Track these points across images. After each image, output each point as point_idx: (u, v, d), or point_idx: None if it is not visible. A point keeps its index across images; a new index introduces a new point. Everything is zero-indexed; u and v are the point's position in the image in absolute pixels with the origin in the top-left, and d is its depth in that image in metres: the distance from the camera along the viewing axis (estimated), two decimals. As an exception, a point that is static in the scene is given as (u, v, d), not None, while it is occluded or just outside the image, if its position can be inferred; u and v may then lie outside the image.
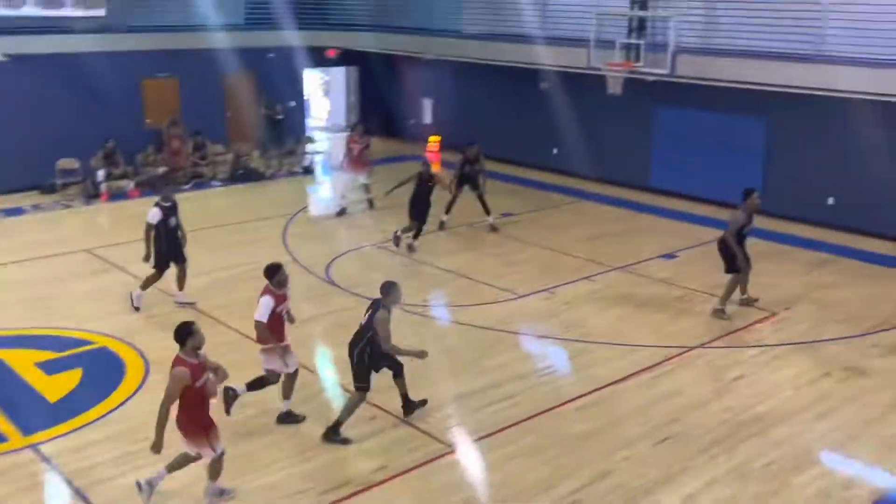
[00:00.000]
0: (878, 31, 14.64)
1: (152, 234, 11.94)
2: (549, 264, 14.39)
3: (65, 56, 19.68)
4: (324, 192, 20.66)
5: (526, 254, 14.97)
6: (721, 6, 17.71)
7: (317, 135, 25.02)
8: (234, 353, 10.66)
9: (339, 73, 27.56)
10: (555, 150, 21.24)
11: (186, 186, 19.41)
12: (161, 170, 19.31)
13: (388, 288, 8.73)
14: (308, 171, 21.67)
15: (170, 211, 12.13)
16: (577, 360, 10.71)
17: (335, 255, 14.65)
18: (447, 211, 16.10)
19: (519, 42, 20.10)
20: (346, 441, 8.72)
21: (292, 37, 23.31)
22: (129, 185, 18.78)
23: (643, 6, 16.69)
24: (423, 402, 9.34)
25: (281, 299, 9.04)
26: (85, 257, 14.51)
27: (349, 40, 24.15)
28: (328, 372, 10.37)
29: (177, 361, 7.36)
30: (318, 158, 22.43)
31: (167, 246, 12.07)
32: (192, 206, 17.55)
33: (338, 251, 14.88)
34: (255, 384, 9.10)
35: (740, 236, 11.95)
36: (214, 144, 20.89)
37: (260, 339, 8.97)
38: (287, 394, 9.18)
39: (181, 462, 7.65)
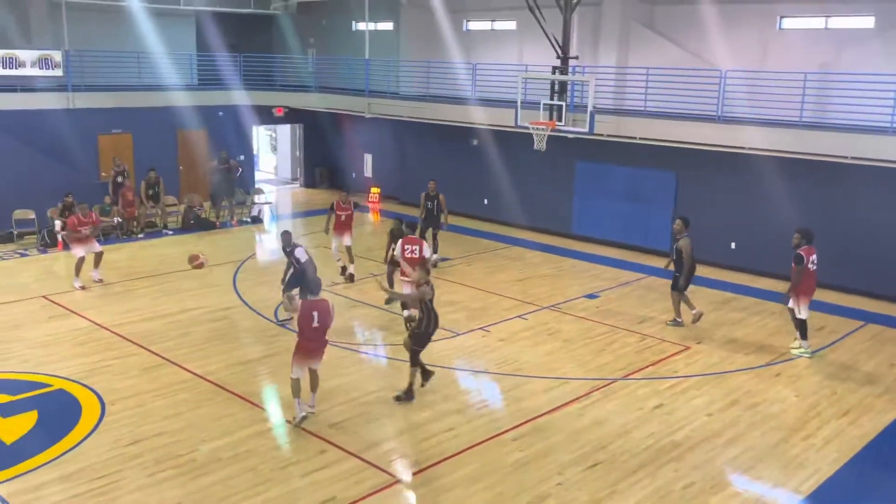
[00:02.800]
0: (772, 95, 15.33)
1: None
2: (484, 304, 14.44)
3: (24, 112, 19.25)
4: (270, 239, 20.43)
5: (463, 295, 15.00)
6: (632, 72, 18.35)
7: (265, 187, 24.80)
8: (185, 393, 10.41)
9: (285, 129, 27.53)
10: (486, 201, 21.49)
11: (140, 235, 19.02)
12: (116, 220, 18.84)
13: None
14: (256, 220, 21.41)
15: None
16: (511, 393, 10.71)
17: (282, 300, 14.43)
18: (434, 249, 16.25)
19: (452, 102, 20.43)
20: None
21: (241, 96, 23.30)
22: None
23: (564, 71, 17.12)
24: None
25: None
26: (42, 303, 13.99)
27: (295, 99, 24.19)
28: (274, 408, 10.14)
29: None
30: (265, 209, 22.19)
31: None
32: (147, 254, 17.24)
33: (286, 295, 14.66)
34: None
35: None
36: (167, 196, 20.48)
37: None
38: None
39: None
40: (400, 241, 12.93)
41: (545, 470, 8.73)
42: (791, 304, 12.30)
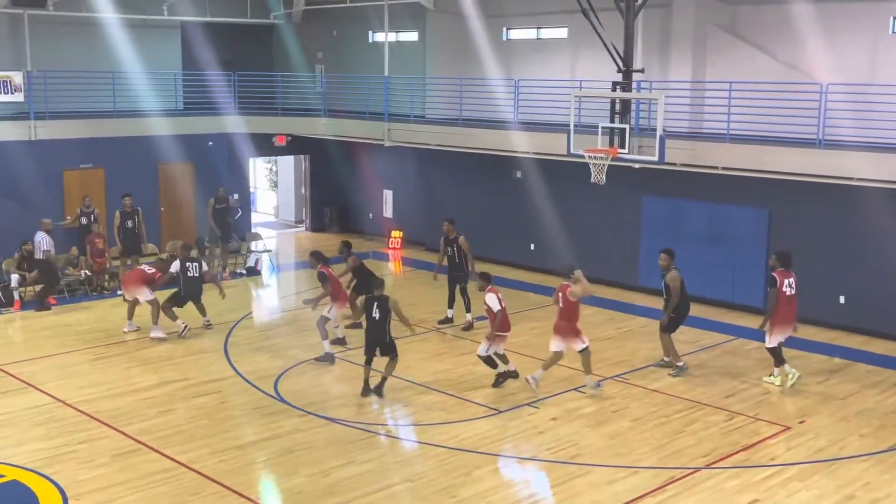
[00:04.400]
0: (884, 114, 15.23)
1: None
2: (531, 374, 14.35)
3: (-24, 145, 19.81)
4: (269, 295, 20.64)
5: (504, 363, 14.95)
6: (711, 88, 18.38)
7: (263, 231, 25.10)
8: (164, 485, 10.42)
9: (288, 161, 27.95)
10: (532, 246, 21.51)
11: (119, 292, 18.96)
12: (83, 273, 19.13)
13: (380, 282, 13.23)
14: (253, 272, 21.63)
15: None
16: (567, 486, 10.56)
17: (285, 369, 14.50)
18: (466, 307, 16.87)
19: (490, 127, 20.59)
20: None
21: (236, 122, 23.72)
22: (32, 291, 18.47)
23: (627, 88, 17.22)
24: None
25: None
26: (-7, 375, 14.20)
27: (300, 126, 24.61)
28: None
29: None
30: (264, 258, 22.40)
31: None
32: (119, 314, 17.38)
33: (287, 364, 14.73)
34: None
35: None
36: (147, 245, 20.74)
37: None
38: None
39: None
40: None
41: (611, 583, 8.57)
42: (768, 340, 13.60)
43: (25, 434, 11.87)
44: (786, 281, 13.58)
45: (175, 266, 16.08)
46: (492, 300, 13.60)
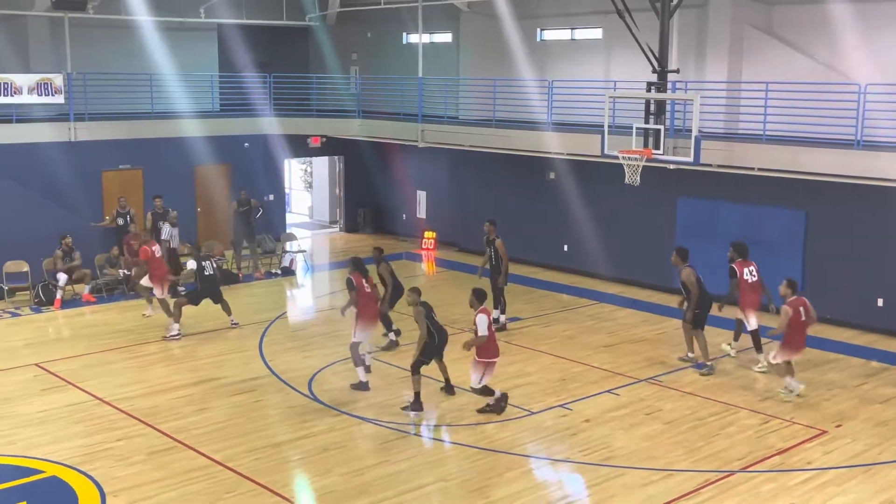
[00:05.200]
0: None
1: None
2: (564, 376, 14.30)
3: (18, 147, 20.13)
4: (304, 295, 20.75)
5: (538, 363, 14.88)
6: (748, 88, 18.21)
7: (297, 232, 25.24)
8: (200, 483, 10.51)
9: (323, 162, 28.09)
10: (566, 247, 21.43)
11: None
12: (122, 273, 19.35)
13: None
14: (287, 272, 21.76)
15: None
16: (600, 488, 10.52)
17: (319, 368, 14.57)
18: (501, 309, 16.69)
19: (523, 128, 20.56)
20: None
21: (271, 124, 23.93)
22: (84, 289, 18.76)
23: (662, 89, 17.10)
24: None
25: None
26: (34, 373, 14.40)
27: (335, 127, 24.75)
28: (308, 502, 10.19)
29: None
30: (298, 258, 22.53)
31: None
32: (158, 314, 17.55)
33: (322, 363, 14.80)
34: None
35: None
36: (183, 244, 20.95)
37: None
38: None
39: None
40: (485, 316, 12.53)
41: (645, 586, 8.52)
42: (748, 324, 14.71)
43: (64, 431, 12.05)
44: (745, 270, 14.68)
45: (191, 264, 16.26)
46: (481, 321, 12.35)
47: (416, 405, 12.67)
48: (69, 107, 21.03)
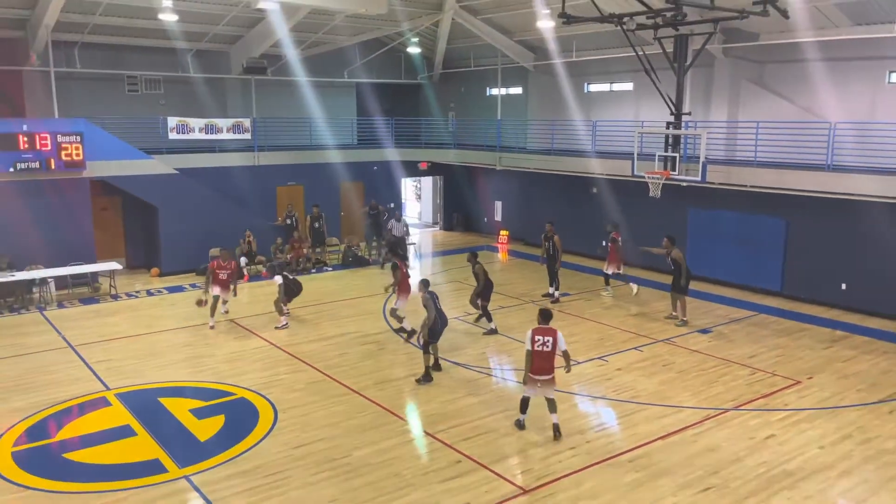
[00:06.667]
0: (881, 145, 14.30)
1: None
2: (601, 336, 14.12)
3: (219, 169, 20.80)
4: (415, 275, 20.87)
5: (582, 327, 14.74)
6: (743, 125, 17.63)
7: (410, 230, 25.38)
8: (341, 405, 10.73)
9: (428, 180, 28.20)
10: (604, 243, 21.03)
11: (313, 270, 19.94)
12: (287, 257, 19.86)
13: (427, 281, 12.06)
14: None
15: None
16: (628, 418, 10.38)
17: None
18: (555, 286, 16.71)
19: (574, 155, 20.32)
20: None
21: (392, 153, 24.22)
22: (261, 269, 19.37)
23: (677, 126, 16.66)
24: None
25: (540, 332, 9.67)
26: (229, 326, 14.91)
27: (437, 155, 24.82)
28: (415, 421, 10.29)
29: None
30: (410, 249, 22.69)
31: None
32: (314, 286, 18.02)
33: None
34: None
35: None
36: (331, 238, 21.40)
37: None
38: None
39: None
40: (530, 331, 9.74)
41: (659, 491, 8.37)
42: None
43: (250, 366, 12.44)
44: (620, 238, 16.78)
45: (278, 279, 14.87)
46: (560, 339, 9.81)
47: (427, 377, 11.54)
48: (254, 141, 21.64)
